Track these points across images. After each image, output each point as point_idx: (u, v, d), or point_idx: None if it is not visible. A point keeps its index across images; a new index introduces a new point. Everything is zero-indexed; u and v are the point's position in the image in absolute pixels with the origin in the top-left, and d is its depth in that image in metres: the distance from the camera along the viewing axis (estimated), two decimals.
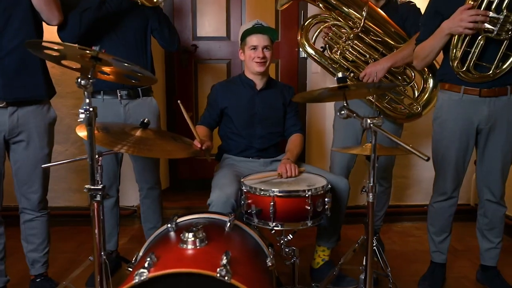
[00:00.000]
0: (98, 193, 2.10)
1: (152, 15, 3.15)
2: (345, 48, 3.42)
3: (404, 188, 4.78)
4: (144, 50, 3.25)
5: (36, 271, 3.02)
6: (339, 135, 3.70)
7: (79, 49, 1.92)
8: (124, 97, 3.16)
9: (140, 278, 1.59)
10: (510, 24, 2.58)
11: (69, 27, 2.91)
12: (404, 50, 3.29)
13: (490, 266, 3.17)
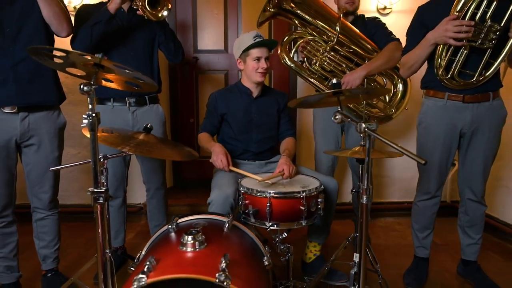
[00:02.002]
0: (101, 196, 1.87)
1: (159, 30, 2.96)
2: (323, 59, 3.28)
3: (386, 186, 4.60)
4: (151, 62, 3.07)
5: (47, 266, 2.82)
6: (320, 139, 3.54)
7: (80, 55, 1.72)
8: (133, 104, 2.98)
9: (139, 284, 1.38)
10: (494, 33, 2.40)
11: (80, 39, 2.75)
12: (378, 60, 3.14)
13: (471, 261, 2.98)
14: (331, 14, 3.27)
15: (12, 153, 2.50)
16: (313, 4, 3.29)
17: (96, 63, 1.75)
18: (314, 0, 3.33)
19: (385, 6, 4.20)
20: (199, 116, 4.90)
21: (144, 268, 1.45)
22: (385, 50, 3.11)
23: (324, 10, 3.30)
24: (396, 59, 3.06)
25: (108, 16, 2.68)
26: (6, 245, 2.59)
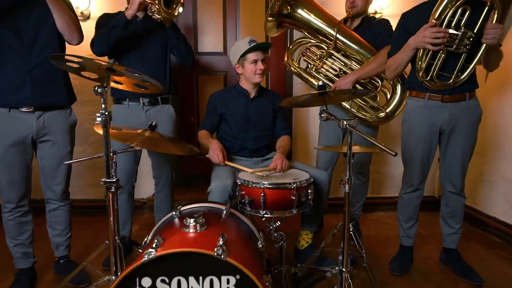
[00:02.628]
0: (113, 185, 2.12)
1: (171, 34, 3.18)
2: (319, 65, 3.49)
3: (379, 182, 4.78)
4: (165, 64, 3.28)
5: (60, 253, 3.03)
6: (323, 135, 3.73)
7: (95, 61, 1.95)
8: (146, 104, 3.20)
9: (149, 257, 1.62)
10: (467, 39, 2.61)
11: (99, 42, 2.99)
12: (369, 65, 3.31)
13: (452, 249, 3.19)
14: (330, 19, 3.47)
15: (29, 148, 2.72)
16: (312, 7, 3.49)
17: (108, 67, 1.99)
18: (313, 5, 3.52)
19: (376, 11, 4.41)
20: (199, 115, 5.08)
21: (153, 244, 1.69)
22: (378, 55, 3.28)
23: (324, 14, 3.50)
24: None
25: (124, 22, 2.91)
26: (23, 233, 2.80)
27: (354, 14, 3.49)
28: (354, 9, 3.45)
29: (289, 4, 3.45)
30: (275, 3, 3.44)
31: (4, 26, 2.52)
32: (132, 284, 1.65)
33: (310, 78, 3.54)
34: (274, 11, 3.50)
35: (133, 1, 2.88)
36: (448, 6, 2.60)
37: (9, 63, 2.56)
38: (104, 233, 3.81)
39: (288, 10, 3.48)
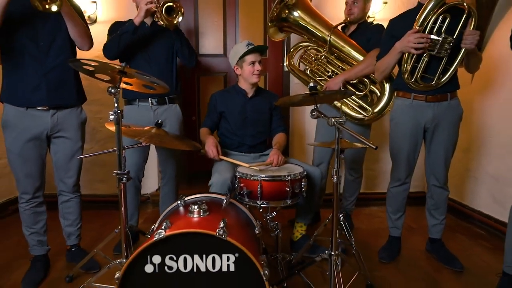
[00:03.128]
0: (124, 177, 2.34)
1: (176, 38, 3.41)
2: (315, 67, 3.75)
3: (372, 178, 5.00)
4: (171, 66, 3.51)
5: (71, 242, 3.26)
6: (319, 133, 3.95)
7: (109, 65, 2.19)
8: (154, 104, 3.44)
9: (159, 236, 1.85)
10: (448, 44, 2.84)
11: (110, 47, 3.23)
12: (356, 66, 3.54)
13: (436, 239, 3.40)
14: (326, 23, 3.71)
15: (44, 143, 2.94)
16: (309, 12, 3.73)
17: (120, 70, 2.22)
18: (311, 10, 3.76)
19: (369, 16, 4.58)
20: (200, 114, 5.30)
21: (162, 227, 1.92)
22: (366, 57, 3.51)
23: (320, 19, 3.74)
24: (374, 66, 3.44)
25: (133, 28, 3.13)
26: (38, 222, 3.03)
27: (351, 20, 3.73)
28: (351, 16, 3.69)
29: (287, 7, 3.69)
30: (275, 8, 3.68)
31: (23, 34, 2.74)
32: (144, 261, 1.89)
33: (307, 79, 3.78)
34: (273, 16, 3.74)
35: (141, 9, 3.11)
36: (430, 13, 2.84)
37: (27, 67, 2.77)
38: (109, 226, 4.10)
39: (286, 13, 3.71)
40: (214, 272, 1.93)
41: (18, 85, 2.78)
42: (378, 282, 2.90)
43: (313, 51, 3.81)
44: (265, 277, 1.88)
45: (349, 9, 3.70)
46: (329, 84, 3.56)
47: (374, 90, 3.65)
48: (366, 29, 3.73)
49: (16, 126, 2.81)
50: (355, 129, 3.66)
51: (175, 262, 1.91)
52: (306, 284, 2.82)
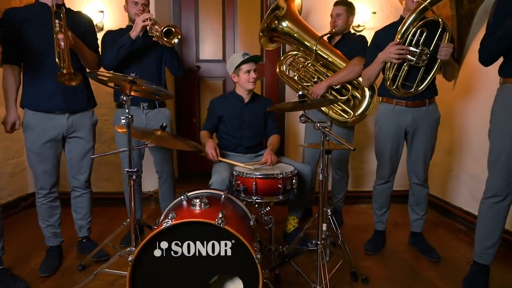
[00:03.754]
0: (134, 174, 2.65)
1: (167, 51, 3.69)
2: (301, 73, 4.07)
3: (361, 177, 5.30)
4: (160, 75, 3.79)
5: (82, 234, 3.57)
6: (307, 135, 4.29)
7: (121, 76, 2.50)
8: (145, 108, 3.71)
9: (167, 225, 2.16)
10: (425, 55, 3.13)
11: (108, 59, 3.48)
12: (339, 73, 3.86)
13: (417, 232, 3.71)
14: (312, 34, 4.02)
15: (59, 143, 3.25)
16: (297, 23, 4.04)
17: (131, 80, 2.53)
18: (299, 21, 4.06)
19: (359, 24, 4.92)
20: (200, 116, 5.59)
21: (168, 217, 2.23)
22: (348, 64, 3.83)
23: (307, 30, 4.05)
24: (356, 71, 3.76)
25: (130, 42, 3.42)
26: (53, 215, 3.33)
27: (336, 32, 4.05)
28: (336, 27, 4.02)
29: (276, 18, 4.00)
30: (265, 19, 3.99)
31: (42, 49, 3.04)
32: (153, 246, 2.19)
33: (295, 85, 4.09)
34: (264, 27, 4.04)
35: (137, 24, 3.39)
36: (410, 27, 3.14)
37: (45, 77, 3.07)
38: (115, 221, 4.42)
39: (276, 24, 4.02)
40: (214, 256, 2.23)
41: (37, 93, 3.08)
42: (363, 271, 3.19)
43: (301, 59, 4.12)
44: (257, 261, 2.19)
45: (333, 22, 4.04)
46: (314, 89, 3.88)
47: (355, 95, 3.98)
48: (350, 40, 4.05)
49: (35, 129, 3.10)
50: (340, 131, 4.02)
51: (180, 248, 2.21)
52: (296, 271, 3.13)
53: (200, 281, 2.27)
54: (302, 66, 4.08)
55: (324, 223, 2.94)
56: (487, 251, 2.94)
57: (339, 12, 4.02)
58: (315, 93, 3.86)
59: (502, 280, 3.09)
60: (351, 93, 3.96)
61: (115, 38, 3.56)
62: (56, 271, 3.21)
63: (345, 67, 3.85)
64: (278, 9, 3.98)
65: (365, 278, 3.05)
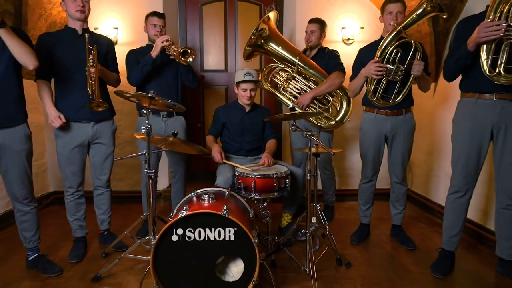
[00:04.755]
0: (152, 174, 3.18)
1: (182, 66, 4.17)
2: (286, 85, 4.55)
3: (351, 177, 5.81)
4: (177, 87, 4.32)
5: (104, 227, 4.10)
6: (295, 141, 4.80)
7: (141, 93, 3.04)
8: (164, 116, 4.21)
9: (182, 215, 2.68)
10: (400, 71, 3.64)
11: (134, 78, 4.05)
12: (322, 85, 4.35)
13: (397, 225, 4.23)
14: (294, 50, 4.51)
15: (85, 148, 3.76)
16: (280, 41, 4.52)
17: (150, 96, 3.06)
18: (281, 40, 4.55)
19: (349, 38, 5.44)
20: (205, 121, 6.08)
21: (182, 209, 2.76)
22: (329, 78, 4.34)
23: (289, 47, 4.54)
24: (336, 84, 4.28)
25: (152, 60, 3.94)
26: (79, 211, 3.85)
27: (311, 46, 4.56)
28: (310, 42, 4.54)
29: (262, 38, 4.49)
30: (252, 36, 4.46)
31: (73, 70, 3.56)
32: (171, 232, 2.72)
33: (279, 95, 4.60)
34: (251, 42, 4.51)
35: (157, 45, 3.91)
36: (387, 47, 3.65)
37: (74, 92, 3.58)
38: (129, 217, 4.91)
39: (262, 42, 4.51)
40: (220, 240, 2.76)
41: (67, 105, 3.60)
42: (347, 258, 3.69)
43: (282, 72, 4.60)
44: (255, 244, 2.72)
45: (308, 37, 4.56)
46: (301, 100, 4.40)
47: (335, 104, 4.50)
48: (324, 54, 4.59)
49: (65, 136, 3.63)
50: (323, 135, 4.57)
51: (192, 233, 2.74)
52: (289, 257, 3.66)
53: (209, 261, 2.79)
54: (286, 78, 4.57)
55: (314, 217, 3.48)
56: (452, 239, 3.48)
57: (313, 29, 4.55)
58: (301, 103, 4.38)
59: (465, 265, 3.61)
60: (331, 103, 4.47)
61: (137, 56, 4.11)
62: (83, 258, 3.73)
63: (326, 80, 4.35)
64: (262, 30, 4.46)
65: (348, 263, 3.58)
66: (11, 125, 3.15)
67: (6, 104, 3.11)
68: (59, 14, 4.76)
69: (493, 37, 2.90)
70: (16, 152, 3.18)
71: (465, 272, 3.48)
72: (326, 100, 4.50)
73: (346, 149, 5.75)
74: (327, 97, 4.49)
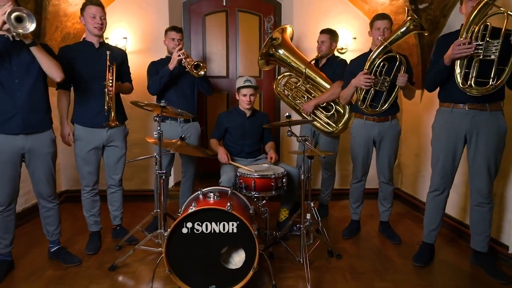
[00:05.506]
0: (163, 174, 3.58)
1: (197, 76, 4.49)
2: (294, 93, 4.96)
3: (346, 177, 6.15)
4: (193, 95, 4.70)
5: (116, 222, 4.49)
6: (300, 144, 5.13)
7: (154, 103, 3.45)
8: (182, 122, 4.58)
9: (191, 210, 3.08)
10: (386, 82, 4.02)
11: (154, 88, 4.46)
12: (325, 94, 4.75)
13: (385, 221, 4.64)
14: (303, 59, 4.90)
15: (100, 151, 4.15)
16: (290, 50, 4.90)
17: (162, 106, 3.46)
18: (291, 49, 4.93)
19: (342, 47, 5.83)
20: (208, 124, 6.45)
21: (191, 205, 3.16)
22: (331, 87, 4.72)
23: (299, 56, 4.92)
24: (337, 93, 4.62)
25: (169, 72, 4.33)
26: (94, 207, 4.24)
27: (321, 56, 4.94)
28: (321, 52, 4.92)
29: (273, 46, 4.90)
30: (264, 47, 4.88)
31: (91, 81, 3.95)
32: (182, 225, 3.11)
33: (289, 101, 5.00)
34: (263, 52, 4.93)
35: (173, 59, 4.31)
36: (375, 60, 4.03)
37: (91, 100, 3.97)
38: (138, 213, 5.31)
39: (273, 50, 4.92)
40: (224, 233, 3.15)
41: (85, 112, 3.99)
42: (338, 250, 4.10)
43: (293, 79, 5.01)
44: (254, 236, 3.11)
45: (319, 47, 4.94)
46: (305, 107, 4.80)
47: (339, 110, 4.87)
48: (333, 63, 4.95)
49: (83, 139, 4.02)
50: (327, 140, 4.97)
51: (200, 226, 3.13)
52: (286, 250, 4.07)
53: (215, 251, 3.18)
54: (294, 86, 4.97)
55: (308, 213, 3.87)
56: (432, 233, 3.89)
57: (324, 40, 4.91)
58: (305, 110, 4.78)
59: (444, 256, 4.03)
60: (335, 109, 4.86)
61: (157, 67, 4.52)
62: (99, 250, 4.14)
63: (328, 89, 4.73)
64: (275, 39, 4.87)
65: (339, 255, 3.99)
66: (40, 130, 3.54)
67: (37, 112, 3.50)
68: (73, 25, 5.14)
69: (464, 54, 3.31)
70: (43, 155, 3.57)
71: (443, 262, 3.89)
72: (331, 107, 4.87)
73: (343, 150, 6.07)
74: (331, 104, 4.85)
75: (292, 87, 5.02)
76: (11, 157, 3.42)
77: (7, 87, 3.33)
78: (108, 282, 3.50)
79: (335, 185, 5.43)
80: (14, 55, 3.32)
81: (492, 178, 3.58)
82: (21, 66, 3.37)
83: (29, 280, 3.53)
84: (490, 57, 3.24)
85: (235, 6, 6.36)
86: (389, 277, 3.60)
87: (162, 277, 3.53)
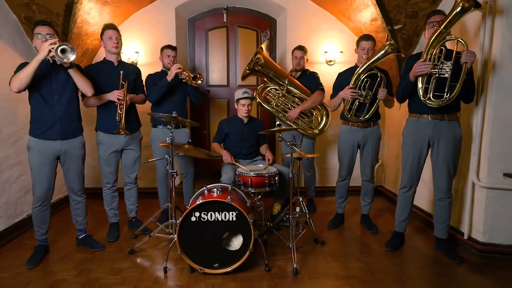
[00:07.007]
0: (175, 173, 4.26)
1: (189, 86, 5.17)
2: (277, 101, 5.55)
3: (332, 176, 6.78)
4: (185, 103, 5.33)
5: (132, 215, 5.16)
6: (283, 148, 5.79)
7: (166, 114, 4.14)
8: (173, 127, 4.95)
9: (198, 202, 3.76)
10: (369, 96, 4.69)
11: (153, 97, 5.04)
12: (307, 102, 5.37)
13: (365, 214, 5.32)
14: (283, 72, 5.50)
15: (119, 153, 4.81)
16: (272, 67, 5.47)
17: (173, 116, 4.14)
18: (273, 65, 5.51)
19: (330, 60, 6.48)
20: (210, 129, 7.06)
21: (198, 198, 3.85)
22: (312, 96, 5.37)
23: (279, 71, 5.51)
24: (318, 101, 5.30)
25: (167, 83, 4.96)
26: (114, 201, 4.90)
27: (300, 69, 5.57)
28: (299, 66, 5.54)
29: (259, 65, 5.46)
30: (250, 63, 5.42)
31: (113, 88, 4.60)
32: (191, 214, 3.78)
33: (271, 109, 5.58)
34: (250, 67, 5.46)
35: (171, 72, 4.92)
36: (360, 76, 4.70)
37: (112, 110, 4.61)
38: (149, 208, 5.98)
39: (259, 68, 5.48)
40: (225, 221, 3.84)
41: (107, 120, 4.65)
42: (323, 238, 4.78)
43: (273, 90, 5.57)
44: (250, 223, 3.79)
45: (298, 62, 5.52)
46: (290, 114, 5.42)
47: (317, 116, 5.55)
48: (306, 75, 5.60)
49: (105, 144, 4.69)
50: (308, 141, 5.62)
51: (206, 215, 3.82)
52: (277, 237, 4.76)
53: (218, 236, 3.86)
54: (277, 96, 5.54)
55: (298, 207, 4.54)
56: (401, 224, 4.59)
57: (302, 55, 5.53)
58: (291, 117, 5.42)
59: (413, 243, 4.73)
60: (315, 116, 5.55)
61: (154, 79, 5.15)
62: (118, 238, 4.84)
63: (310, 98, 5.37)
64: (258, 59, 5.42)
65: (323, 241, 4.68)
66: (74, 136, 4.23)
67: (72, 120, 4.18)
68: (91, 42, 5.83)
69: (423, 72, 3.97)
70: (75, 156, 4.25)
71: (411, 248, 4.59)
72: (310, 113, 5.55)
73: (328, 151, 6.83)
74: (311, 111, 5.53)
75: (274, 96, 5.57)
76: (50, 159, 4.09)
77: (48, 101, 4.01)
78: (128, 263, 4.19)
79: (318, 183, 6.02)
80: (54, 75, 4.03)
81: (452, 177, 4.25)
82: (59, 84, 4.06)
83: (63, 261, 4.23)
84: (444, 75, 3.90)
85: (235, 22, 6.97)
86: (363, 259, 4.28)
87: (173, 259, 4.21)
